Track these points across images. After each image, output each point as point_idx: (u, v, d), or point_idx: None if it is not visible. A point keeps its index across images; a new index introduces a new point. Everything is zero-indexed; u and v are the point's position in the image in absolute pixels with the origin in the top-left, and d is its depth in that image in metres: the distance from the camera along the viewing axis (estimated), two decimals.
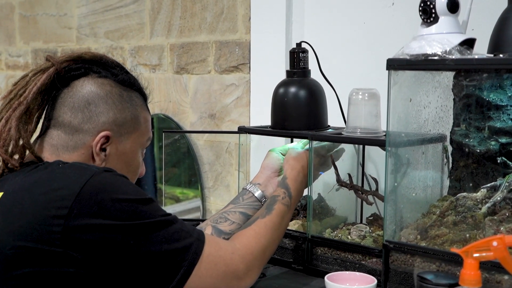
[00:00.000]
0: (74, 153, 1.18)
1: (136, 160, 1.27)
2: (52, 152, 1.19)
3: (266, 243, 1.24)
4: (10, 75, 3.06)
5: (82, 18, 2.66)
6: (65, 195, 1.03)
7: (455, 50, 1.19)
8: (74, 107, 1.19)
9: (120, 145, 1.22)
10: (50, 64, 1.20)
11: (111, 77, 1.23)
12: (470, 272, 0.97)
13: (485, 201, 1.27)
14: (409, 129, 1.36)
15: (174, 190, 2.35)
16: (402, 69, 1.27)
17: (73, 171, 1.09)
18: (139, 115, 1.25)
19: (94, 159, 1.19)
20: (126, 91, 1.24)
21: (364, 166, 1.60)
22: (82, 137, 1.18)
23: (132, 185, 1.11)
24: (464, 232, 1.24)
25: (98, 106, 1.19)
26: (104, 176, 1.08)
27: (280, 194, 1.37)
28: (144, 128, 1.27)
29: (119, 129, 1.21)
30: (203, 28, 2.20)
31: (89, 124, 1.18)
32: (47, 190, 1.06)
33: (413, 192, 1.38)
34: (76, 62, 1.22)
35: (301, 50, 1.58)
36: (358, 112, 1.47)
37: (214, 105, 2.19)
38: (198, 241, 1.11)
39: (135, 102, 1.25)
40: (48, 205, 1.03)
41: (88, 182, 1.05)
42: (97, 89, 1.20)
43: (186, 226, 1.12)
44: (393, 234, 1.32)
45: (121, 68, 1.27)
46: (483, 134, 1.30)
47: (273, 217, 1.30)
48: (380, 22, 1.73)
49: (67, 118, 1.18)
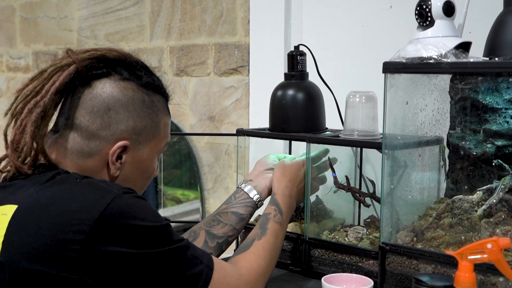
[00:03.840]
0: (88, 160, 1.13)
1: (152, 166, 1.21)
2: (66, 156, 1.13)
3: (266, 265, 1.25)
4: (11, 77, 3.07)
5: (82, 20, 2.67)
6: (84, 219, 0.99)
7: (450, 54, 1.20)
8: (93, 111, 1.11)
9: (137, 153, 1.16)
10: (71, 61, 1.11)
11: (134, 80, 1.15)
12: (465, 274, 0.98)
13: (481, 203, 1.28)
14: (406, 132, 1.36)
15: (175, 192, 2.35)
16: (398, 72, 1.28)
17: (92, 192, 1.04)
18: (160, 121, 1.18)
19: (109, 167, 1.14)
20: (149, 96, 1.16)
21: (361, 168, 1.61)
22: (99, 144, 1.12)
23: (150, 210, 1.07)
24: (460, 234, 1.24)
25: (119, 113, 1.12)
26: (124, 201, 1.03)
27: (271, 212, 1.36)
28: (163, 134, 1.20)
29: (137, 138, 1.14)
30: (203, 31, 2.20)
31: (107, 131, 1.12)
32: (65, 210, 1.01)
33: (409, 194, 1.39)
34: (99, 61, 1.13)
35: (299, 52, 1.58)
36: (355, 115, 1.48)
37: (213, 107, 2.20)
38: (208, 268, 1.10)
39: (156, 108, 1.17)
40: (65, 228, 0.99)
41: (108, 207, 1.00)
42: (119, 94, 1.12)
43: (197, 251, 1.11)
44: (390, 236, 1.33)
45: (145, 69, 1.18)
46: (479, 136, 1.30)
47: (268, 238, 1.30)
48: (378, 25, 1.74)
49: (84, 122, 1.11)
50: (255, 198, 1.42)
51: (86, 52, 1.13)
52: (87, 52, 1.13)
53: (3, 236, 1.03)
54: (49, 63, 1.14)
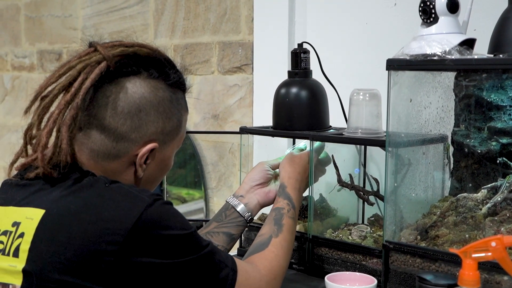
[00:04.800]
0: (114, 161, 1.08)
1: (171, 162, 1.19)
2: (91, 157, 1.08)
3: (284, 263, 1.25)
4: (16, 76, 3.07)
5: (86, 19, 2.67)
6: (117, 229, 0.97)
7: (454, 50, 1.19)
8: (123, 112, 1.06)
9: (162, 153, 1.13)
10: (101, 58, 1.05)
11: (163, 79, 1.10)
12: (469, 272, 0.97)
13: (485, 201, 1.27)
14: (410, 130, 1.35)
15: (180, 191, 2.35)
16: (401, 70, 1.27)
17: (124, 200, 1.01)
18: (182, 119, 1.16)
19: (136, 169, 1.10)
20: (175, 94, 1.13)
21: (365, 166, 1.60)
22: (127, 146, 1.08)
23: (179, 217, 1.05)
24: (464, 233, 1.23)
25: (149, 115, 1.08)
26: (155, 210, 1.01)
27: (285, 206, 1.34)
28: (184, 130, 1.18)
29: (164, 138, 1.12)
30: (207, 29, 2.20)
31: (137, 133, 1.08)
32: (97, 219, 0.98)
33: (413, 193, 1.38)
34: (129, 57, 1.08)
35: (302, 50, 1.57)
36: (359, 113, 1.47)
37: (217, 105, 2.19)
38: (233, 271, 1.09)
39: (180, 106, 1.15)
40: (98, 239, 0.96)
41: (141, 217, 0.98)
42: (150, 94, 1.08)
43: (222, 255, 1.10)
44: (393, 234, 1.32)
45: (172, 66, 1.14)
46: (484, 134, 1.29)
47: (285, 235, 1.28)
48: (382, 23, 1.73)
49: (113, 123, 1.06)
50: (246, 216, 1.39)
51: (115, 46, 1.08)
52: (116, 47, 1.08)
53: (29, 242, 0.99)
54: (74, 58, 1.08)
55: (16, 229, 1.02)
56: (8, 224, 1.03)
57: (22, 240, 1.00)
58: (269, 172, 1.44)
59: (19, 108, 3.07)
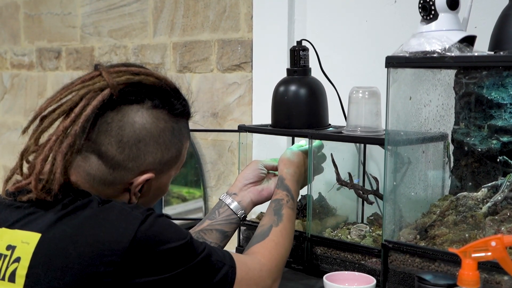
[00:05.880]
0: (110, 188, 1.07)
1: (167, 187, 1.18)
2: (86, 181, 1.06)
3: (285, 251, 1.25)
4: (15, 74, 3.07)
5: (86, 17, 2.66)
6: (114, 249, 0.96)
7: (454, 48, 1.18)
8: (122, 141, 1.05)
9: (158, 181, 1.12)
10: (104, 84, 1.03)
11: (166, 108, 1.09)
12: (468, 272, 0.96)
13: (486, 200, 1.26)
14: (409, 128, 1.34)
15: (180, 190, 2.34)
16: (401, 67, 1.26)
17: (118, 218, 0.99)
18: (183, 147, 1.14)
19: (130, 196, 1.09)
20: (177, 123, 1.11)
21: (365, 165, 1.59)
22: (123, 174, 1.07)
23: (173, 228, 1.04)
24: (464, 232, 1.22)
25: (148, 146, 1.07)
26: (150, 225, 0.99)
27: (284, 197, 1.34)
28: (183, 157, 1.16)
29: (162, 168, 1.10)
30: (206, 27, 2.19)
31: (134, 163, 1.06)
32: (93, 241, 0.97)
33: (413, 192, 1.37)
34: (134, 86, 1.06)
35: (301, 48, 1.56)
36: (358, 111, 1.46)
37: (216, 104, 2.18)
38: (231, 268, 1.09)
39: (182, 134, 1.13)
40: (96, 261, 0.95)
41: (136, 235, 0.97)
42: (151, 125, 1.06)
43: (218, 254, 1.09)
44: (392, 234, 1.31)
45: (178, 95, 1.12)
46: (484, 132, 1.28)
47: (285, 224, 1.29)
48: (382, 20, 1.72)
49: (112, 151, 1.05)
50: (240, 214, 1.39)
51: (120, 73, 1.06)
52: (121, 73, 1.06)
53: (26, 268, 0.97)
54: (78, 81, 1.06)
55: (11, 253, 1.00)
56: (2, 247, 1.02)
57: (19, 265, 0.98)
58: (262, 171, 1.43)
59: (18, 107, 3.07)
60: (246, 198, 1.40)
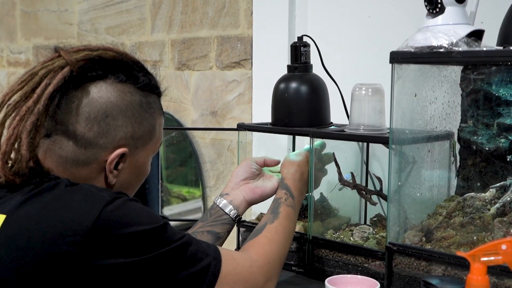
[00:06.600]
0: (84, 168, 1.06)
1: (147, 168, 1.17)
2: (59, 164, 1.06)
3: (281, 248, 1.22)
4: (12, 72, 3.04)
5: (83, 14, 2.63)
6: (76, 229, 0.94)
7: (462, 42, 1.14)
8: (89, 118, 1.04)
9: (134, 159, 1.11)
10: (64, 63, 1.04)
11: (131, 82, 1.09)
12: (477, 277, 0.93)
13: (494, 201, 1.23)
14: (414, 126, 1.31)
15: (180, 189, 2.32)
16: (406, 63, 1.22)
17: (83, 199, 0.98)
18: (156, 123, 1.14)
19: (106, 175, 1.08)
20: (146, 98, 1.11)
21: (368, 164, 1.56)
22: (96, 152, 1.06)
23: (145, 212, 1.02)
24: (472, 234, 1.19)
25: (117, 119, 1.06)
26: (117, 206, 0.98)
27: (282, 196, 1.32)
28: (159, 135, 1.16)
29: (135, 143, 1.09)
30: (205, 23, 2.15)
31: (105, 139, 1.06)
32: (56, 221, 0.96)
33: (418, 192, 1.34)
34: (94, 62, 1.06)
35: (302, 44, 1.53)
36: (361, 108, 1.43)
37: (215, 102, 2.15)
38: (215, 260, 1.06)
39: (153, 109, 1.13)
40: (58, 241, 0.94)
41: (100, 215, 0.95)
42: (117, 98, 1.06)
43: (202, 245, 1.06)
44: (397, 236, 1.28)
45: (142, 69, 1.13)
46: (492, 131, 1.25)
47: (281, 221, 1.26)
48: (385, 16, 1.69)
49: (80, 129, 1.04)
50: (232, 214, 1.36)
51: (79, 51, 1.06)
52: (80, 51, 1.06)
53: None
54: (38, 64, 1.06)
55: None
56: None
57: None
58: (253, 167, 1.41)
59: None
60: (238, 196, 1.37)
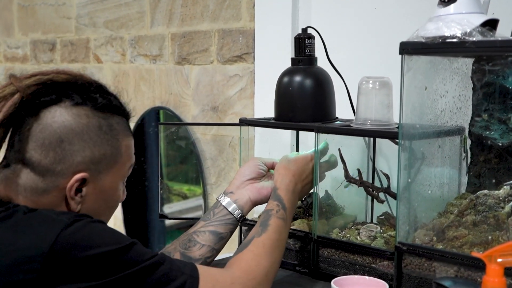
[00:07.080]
0: (44, 196, 1.04)
1: (117, 194, 1.13)
2: (19, 193, 1.04)
3: (267, 264, 1.16)
4: (9, 67, 3.01)
5: (81, 7, 2.59)
6: (34, 256, 0.92)
7: (476, 32, 1.08)
8: (44, 144, 1.02)
9: (99, 183, 1.08)
10: (14, 89, 1.02)
11: (88, 104, 1.06)
12: (494, 279, 0.89)
13: (508, 199, 1.18)
14: (424, 121, 1.27)
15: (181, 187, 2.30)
16: (416, 54, 1.18)
17: (40, 225, 0.96)
18: (121, 145, 1.10)
19: (68, 202, 1.05)
20: (106, 119, 1.08)
21: (375, 161, 1.51)
22: (55, 179, 1.04)
23: (108, 233, 1.00)
24: (486, 234, 1.15)
25: (73, 144, 1.03)
26: (76, 229, 0.96)
27: (273, 207, 1.26)
28: (126, 157, 1.12)
29: (96, 167, 1.06)
30: (205, 16, 2.11)
31: (62, 165, 1.03)
32: (12, 250, 0.94)
33: (428, 189, 1.29)
34: (47, 86, 1.04)
35: (307, 35, 1.49)
36: (368, 103, 1.38)
37: (216, 97, 2.11)
38: (192, 278, 1.02)
39: (115, 131, 1.09)
40: (14, 269, 0.92)
41: (58, 239, 0.93)
42: (71, 122, 1.03)
43: (175, 263, 1.03)
44: (407, 235, 1.23)
45: (100, 89, 1.10)
46: (509, 125, 1.20)
47: (270, 234, 1.21)
48: (392, 8, 1.64)
49: (36, 156, 1.03)
50: (236, 214, 1.32)
51: (31, 76, 1.04)
52: (32, 76, 1.04)
53: None
54: None
55: None
56: None
57: None
58: (260, 167, 1.37)
59: None
60: (244, 196, 1.33)
